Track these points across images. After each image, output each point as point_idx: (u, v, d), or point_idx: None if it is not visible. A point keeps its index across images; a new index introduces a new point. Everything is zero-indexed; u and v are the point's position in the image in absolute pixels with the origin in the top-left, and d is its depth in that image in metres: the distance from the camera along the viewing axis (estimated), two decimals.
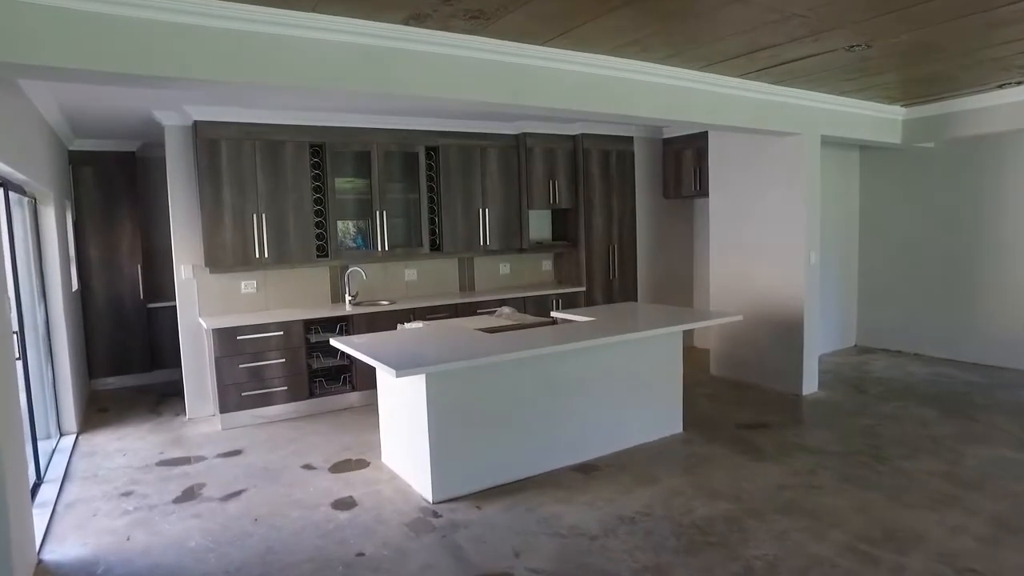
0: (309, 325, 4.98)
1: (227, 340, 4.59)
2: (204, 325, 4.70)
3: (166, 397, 5.66)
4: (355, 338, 3.81)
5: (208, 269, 4.83)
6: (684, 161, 6.53)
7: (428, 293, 5.97)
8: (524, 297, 5.90)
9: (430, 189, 5.65)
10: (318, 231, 5.14)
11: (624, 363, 4.03)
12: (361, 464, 3.92)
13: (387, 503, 3.36)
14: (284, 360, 4.80)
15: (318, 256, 5.15)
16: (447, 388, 3.32)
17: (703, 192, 6.33)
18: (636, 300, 6.64)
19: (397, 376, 2.86)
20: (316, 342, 5.05)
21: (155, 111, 4.63)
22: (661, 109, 4.09)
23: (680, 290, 7.03)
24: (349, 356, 4.90)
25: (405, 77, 3.16)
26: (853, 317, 6.98)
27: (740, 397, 5.16)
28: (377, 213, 5.34)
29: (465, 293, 6.04)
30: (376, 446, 4.12)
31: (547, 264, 6.67)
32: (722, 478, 3.58)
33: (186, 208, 4.90)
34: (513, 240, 6.08)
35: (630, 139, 6.49)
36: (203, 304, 4.98)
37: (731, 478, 3.57)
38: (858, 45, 3.59)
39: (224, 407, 4.64)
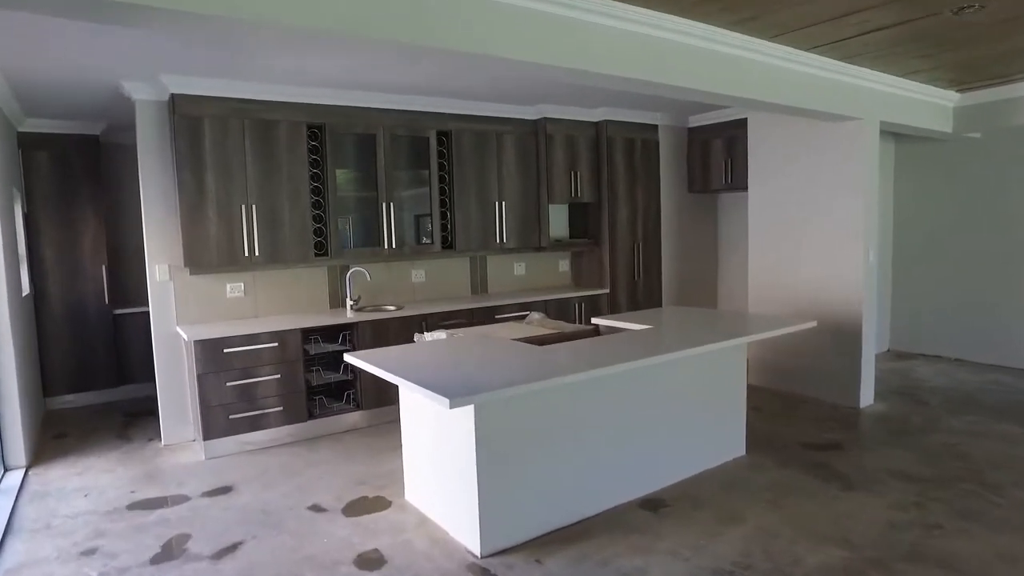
0: (307, 335, 4.29)
1: (211, 353, 3.88)
2: (183, 336, 3.98)
3: (136, 417, 4.90)
4: (374, 354, 3.15)
5: (188, 270, 4.11)
6: (713, 152, 6.00)
7: (437, 296, 5.32)
8: (544, 300, 5.29)
9: (441, 180, 5.01)
10: (316, 226, 4.46)
11: (687, 379, 3.45)
12: (381, 503, 3.27)
13: (423, 558, 2.71)
14: (279, 376, 4.10)
15: (316, 255, 4.46)
16: (498, 416, 2.70)
17: (734, 185, 5.82)
18: (661, 303, 6.10)
19: (451, 407, 2.23)
20: (316, 354, 4.36)
21: (124, 82, 3.90)
22: (719, 81, 3.53)
23: (705, 291, 6.50)
24: (354, 370, 4.24)
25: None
26: (886, 319, 6.54)
27: (791, 411, 4.64)
28: (383, 206, 4.67)
29: (478, 296, 5.40)
30: (396, 478, 3.47)
31: (564, 264, 6.08)
32: (817, 514, 3.02)
33: (161, 199, 4.17)
34: (531, 237, 5.47)
35: (655, 127, 5.94)
36: (182, 311, 4.25)
37: (828, 514, 3.02)
38: (970, 6, 3.08)
39: (208, 432, 3.93)
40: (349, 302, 4.70)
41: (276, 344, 4.07)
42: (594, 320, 4.07)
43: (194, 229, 3.99)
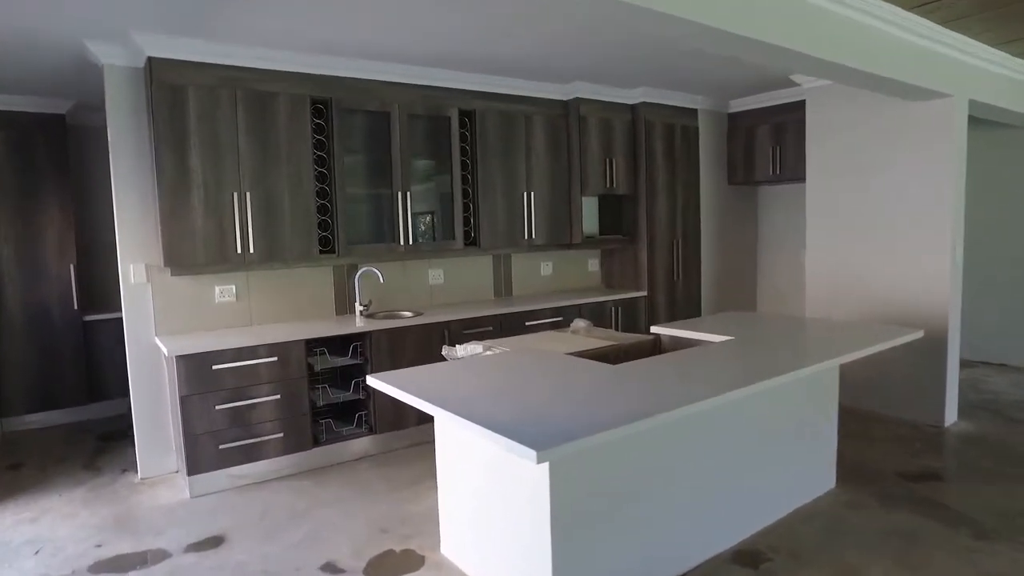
0: (312, 347, 3.63)
1: (197, 371, 3.22)
2: (163, 349, 3.30)
3: (110, 441, 4.22)
4: (402, 376, 2.51)
5: (168, 270, 3.44)
6: (757, 139, 5.41)
7: (458, 300, 4.68)
8: (578, 305, 4.66)
9: (464, 166, 4.36)
10: (321, 218, 3.80)
11: (778, 404, 2.85)
12: (411, 560, 2.62)
13: None
14: (279, 397, 3.44)
15: (321, 252, 3.80)
16: (576, 461, 2.07)
17: (783, 176, 5.23)
18: (700, 307, 5.49)
19: (539, 460, 1.60)
20: (322, 370, 3.71)
21: (88, 43, 3.22)
22: (803, 39, 2.91)
23: (743, 294, 5.91)
24: (366, 387, 3.59)
25: None
26: None
27: (867, 431, 4.04)
28: (399, 196, 4.02)
29: (503, 300, 4.77)
30: (427, 524, 2.83)
31: (593, 263, 5.46)
32: (960, 573, 2.43)
33: (136, 185, 3.49)
34: (562, 233, 4.84)
35: (694, 112, 5.34)
36: (161, 319, 3.57)
37: (975, 574, 2.42)
38: None
39: (194, 466, 3.26)
40: (359, 307, 4.05)
41: (275, 359, 3.41)
42: (654, 329, 3.45)
43: (175, 221, 3.33)
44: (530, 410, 1.97)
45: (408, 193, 4.05)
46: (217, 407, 3.26)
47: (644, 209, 5.06)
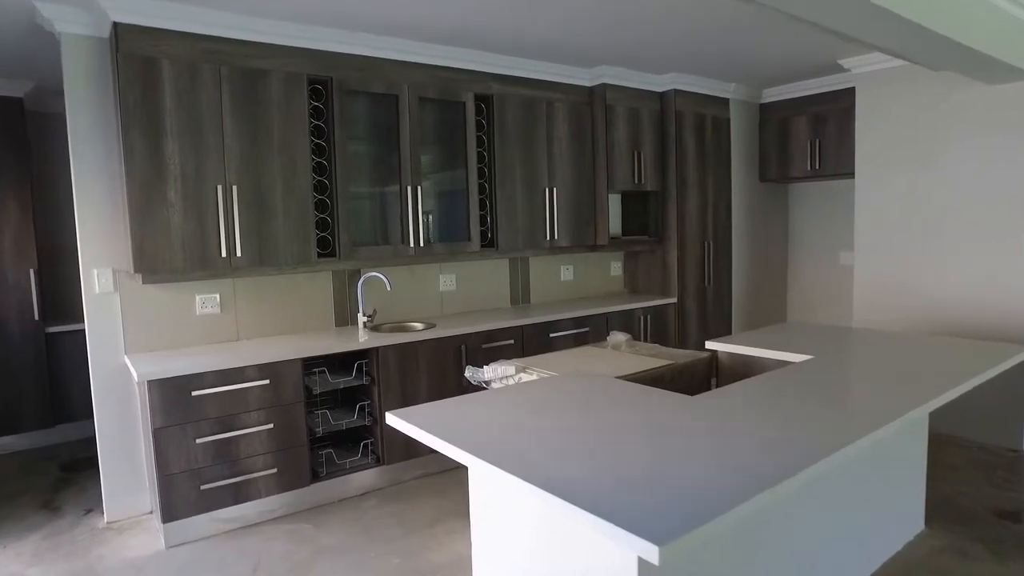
0: (310, 366, 3.12)
1: (174, 398, 2.69)
2: (133, 372, 2.77)
3: (75, 472, 3.68)
4: (430, 414, 2.01)
5: (140, 276, 2.91)
6: (793, 132, 4.96)
7: (471, 308, 4.18)
8: (605, 314, 4.18)
9: (480, 158, 3.87)
10: (320, 216, 3.29)
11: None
12: None
13: None
14: (271, 426, 2.92)
15: (320, 255, 3.30)
16: None
17: (822, 172, 4.79)
18: (731, 315, 5.04)
19: (660, 558, 1.10)
20: (321, 393, 3.19)
21: (41, 5, 2.69)
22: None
23: (773, 301, 5.46)
24: (371, 411, 3.10)
25: None
26: None
27: (940, 458, 3.58)
28: (408, 191, 3.52)
29: (519, 308, 4.27)
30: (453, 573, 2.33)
31: (616, 267, 4.98)
32: None
33: (101, 177, 2.96)
34: (585, 233, 4.36)
35: (725, 102, 4.89)
36: (132, 334, 3.04)
37: None
38: None
39: (170, 511, 2.73)
40: (362, 318, 3.54)
41: (267, 381, 2.89)
42: (711, 344, 2.97)
43: (148, 219, 2.80)
44: (608, 466, 1.48)
45: (419, 188, 3.55)
46: (198, 440, 2.74)
47: (675, 207, 4.59)
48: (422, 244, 3.57)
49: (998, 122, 3.63)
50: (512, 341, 3.71)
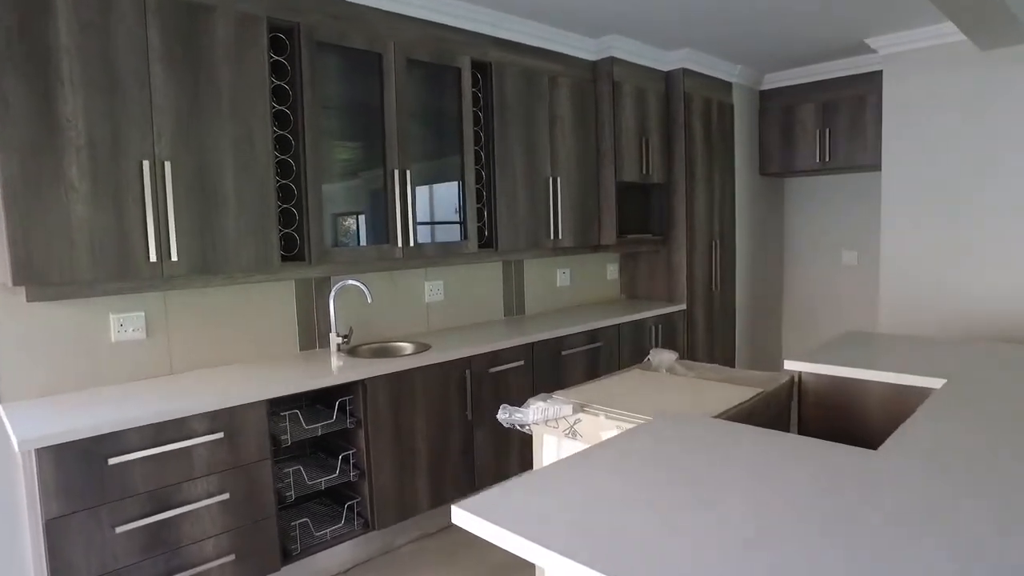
0: (277, 407, 2.32)
1: (80, 470, 1.83)
2: (12, 434, 1.86)
3: None
4: (508, 498, 1.31)
5: (23, 292, 2.01)
6: (798, 121, 4.56)
7: (462, 323, 3.46)
8: (617, 325, 3.58)
9: (477, 139, 3.17)
10: (284, 206, 2.49)
11: None
12: None
13: None
14: (227, 496, 2.10)
15: (286, 259, 2.50)
16: None
17: (833, 165, 4.41)
18: (735, 323, 4.57)
19: None
20: (293, 446, 2.39)
21: None
22: None
23: (768, 306, 5.06)
24: (357, 463, 2.36)
25: None
26: None
27: None
28: (395, 176, 2.78)
29: (514, 320, 3.60)
30: None
31: (612, 270, 4.40)
32: None
33: None
34: (589, 232, 3.75)
35: (729, 86, 4.42)
36: (10, 374, 2.13)
37: None
38: None
39: None
40: (336, 340, 2.76)
41: (221, 435, 2.07)
42: (792, 365, 2.41)
43: (35, 208, 1.92)
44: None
45: (408, 173, 2.81)
46: (119, 529, 1.89)
47: (683, 203, 4.06)
48: (412, 244, 2.83)
49: None
50: (522, 362, 3.04)
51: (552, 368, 3.19)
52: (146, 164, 2.09)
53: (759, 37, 3.74)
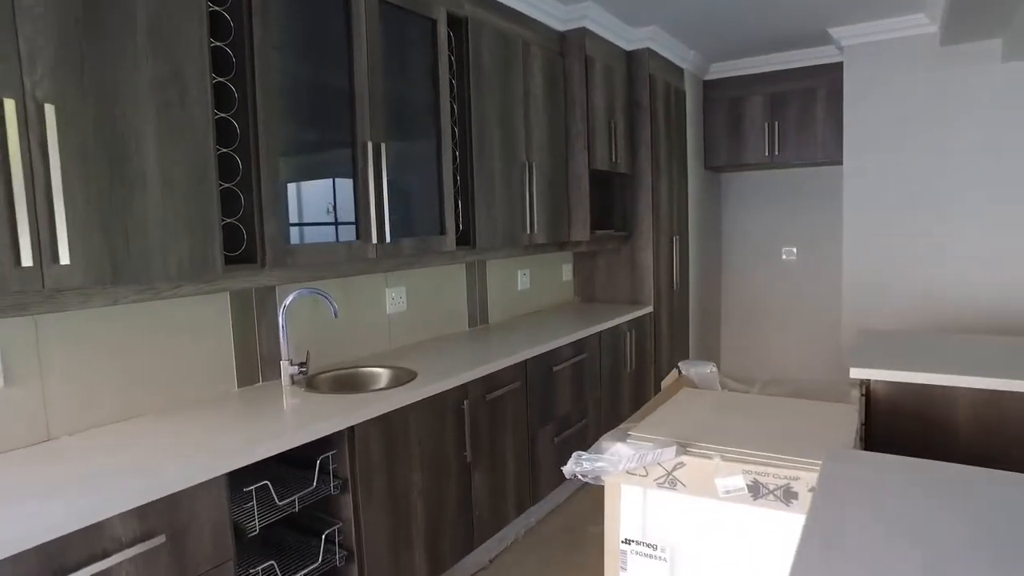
0: (238, 482, 1.58)
1: None
2: None
3: None
4: None
5: None
6: (746, 114, 4.43)
7: (428, 336, 2.84)
8: (598, 333, 3.15)
9: (451, 114, 2.57)
10: (227, 184, 1.75)
11: None
12: None
13: None
14: None
15: (230, 260, 1.75)
16: None
17: (781, 159, 4.33)
18: (688, 324, 4.35)
19: None
20: (259, 532, 1.65)
21: None
22: None
23: (712, 304, 4.92)
24: (344, 544, 1.72)
25: None
26: None
27: None
28: (368, 151, 2.11)
29: (479, 330, 3.03)
30: None
31: (567, 270, 3.97)
32: None
33: None
34: (560, 226, 3.29)
35: (681, 72, 4.18)
36: None
37: None
38: None
39: None
40: (290, 369, 2.04)
41: (162, 538, 1.32)
42: (860, 373, 2.11)
43: None
44: None
45: (382, 148, 2.15)
46: None
47: (650, 194, 3.73)
48: (388, 241, 2.18)
49: (1011, 102, 3.38)
50: (518, 384, 2.50)
51: (545, 386, 2.68)
52: (10, 105, 1.28)
53: (725, 21, 3.51)
